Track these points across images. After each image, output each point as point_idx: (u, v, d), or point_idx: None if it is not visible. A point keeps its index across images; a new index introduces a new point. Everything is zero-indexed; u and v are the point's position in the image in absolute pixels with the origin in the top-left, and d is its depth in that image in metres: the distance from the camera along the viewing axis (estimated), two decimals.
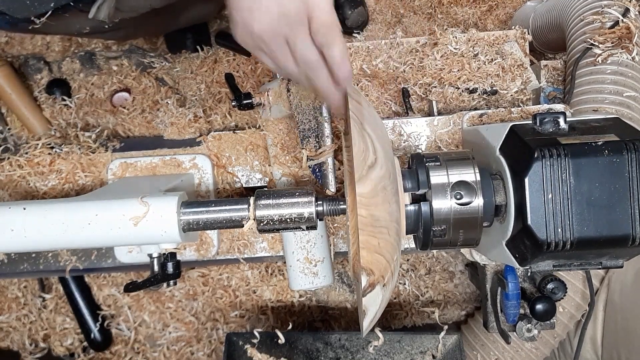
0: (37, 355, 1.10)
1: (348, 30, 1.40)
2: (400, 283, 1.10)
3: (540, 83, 0.98)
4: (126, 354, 1.09)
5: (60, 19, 0.76)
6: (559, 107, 0.78)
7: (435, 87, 0.88)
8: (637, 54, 0.84)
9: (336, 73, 0.57)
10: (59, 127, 1.04)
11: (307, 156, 0.72)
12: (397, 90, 0.90)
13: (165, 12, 0.89)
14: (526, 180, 0.54)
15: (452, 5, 1.41)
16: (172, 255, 0.69)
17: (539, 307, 0.71)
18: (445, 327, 0.90)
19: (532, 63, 0.93)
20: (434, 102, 0.85)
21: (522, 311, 0.74)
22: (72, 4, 0.73)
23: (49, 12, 0.72)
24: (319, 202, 0.63)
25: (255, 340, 0.89)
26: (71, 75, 1.08)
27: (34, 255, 0.87)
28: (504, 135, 0.60)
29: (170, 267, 0.68)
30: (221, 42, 0.98)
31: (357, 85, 0.90)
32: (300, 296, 1.07)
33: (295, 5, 0.55)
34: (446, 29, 0.91)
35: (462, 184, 0.57)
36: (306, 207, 0.62)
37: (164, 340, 1.08)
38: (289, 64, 0.59)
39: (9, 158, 0.87)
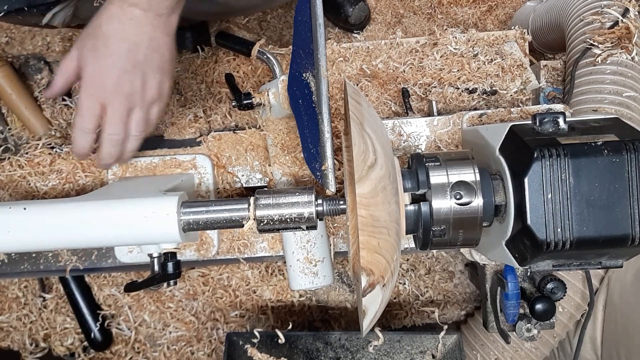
0: (37, 355, 1.10)
1: (350, 28, 1.40)
2: (400, 283, 1.10)
3: (539, 83, 0.98)
4: (126, 353, 1.09)
5: (12, 18, 0.77)
6: (559, 107, 0.79)
7: (435, 87, 0.89)
8: (636, 54, 0.84)
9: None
10: (59, 127, 1.04)
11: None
12: (397, 90, 0.90)
13: None
14: (526, 180, 0.54)
15: (452, 5, 1.41)
16: (172, 255, 0.69)
17: (538, 307, 0.71)
18: (445, 327, 0.90)
19: (531, 63, 0.94)
20: (433, 102, 0.85)
21: (521, 311, 0.75)
22: (26, 9, 0.74)
23: (1, 14, 0.73)
24: (319, 202, 0.63)
25: (255, 340, 0.90)
26: None
27: (34, 255, 0.87)
28: (504, 136, 0.60)
29: (170, 267, 0.68)
30: (221, 42, 0.97)
31: (357, 85, 0.91)
32: (300, 296, 1.07)
33: (155, 87, 0.70)
34: (446, 29, 0.91)
35: (461, 184, 0.57)
36: (306, 207, 0.62)
37: (164, 340, 1.08)
38: (121, 124, 0.69)
39: (9, 158, 0.87)
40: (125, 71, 0.66)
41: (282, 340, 0.90)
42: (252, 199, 0.63)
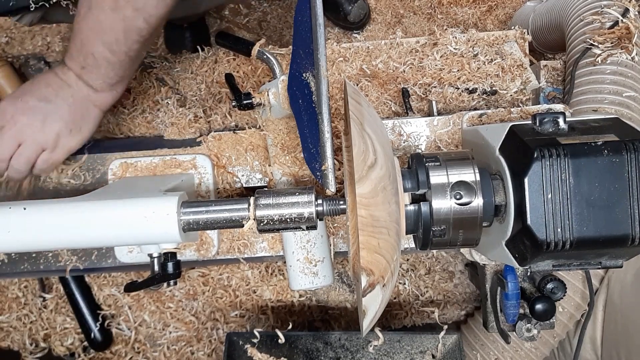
0: (37, 355, 1.10)
1: (350, 27, 1.40)
2: (400, 283, 1.10)
3: (539, 83, 0.98)
4: (126, 353, 1.09)
5: None
6: (559, 107, 0.79)
7: (435, 87, 0.89)
8: (636, 54, 0.84)
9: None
10: None
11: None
12: (397, 90, 0.90)
13: None
14: (526, 180, 0.54)
15: (452, 5, 1.41)
16: (172, 255, 0.69)
17: (538, 307, 0.71)
18: (445, 327, 0.90)
19: (531, 63, 0.94)
20: (433, 102, 0.85)
21: (521, 311, 0.75)
22: None
23: None
24: (319, 202, 0.63)
25: (255, 340, 0.90)
26: None
27: (34, 255, 0.87)
28: (504, 136, 0.60)
29: (170, 267, 0.68)
30: (221, 42, 0.97)
31: (357, 85, 0.91)
32: (300, 296, 1.07)
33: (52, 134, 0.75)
34: (446, 29, 0.91)
35: (461, 184, 0.57)
36: (306, 207, 0.62)
37: (164, 340, 1.08)
38: (4, 150, 0.74)
39: None
40: (29, 108, 0.74)
41: (282, 340, 0.90)
42: (252, 199, 0.63)
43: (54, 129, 0.75)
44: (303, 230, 0.64)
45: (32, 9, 0.77)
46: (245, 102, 0.78)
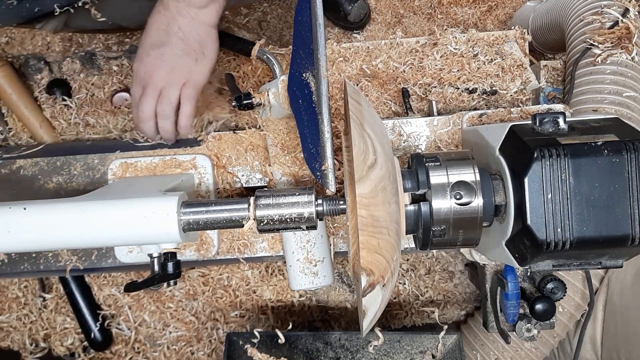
0: (37, 355, 1.10)
1: (350, 27, 1.40)
2: (400, 283, 1.10)
3: (539, 83, 0.98)
4: (126, 353, 1.09)
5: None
6: (559, 107, 0.79)
7: (435, 87, 0.89)
8: (636, 54, 0.84)
9: (179, 123, 0.79)
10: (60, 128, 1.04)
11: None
12: (397, 90, 0.90)
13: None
14: (526, 180, 0.54)
15: (452, 5, 1.41)
16: (172, 255, 0.69)
17: (538, 307, 0.71)
18: (445, 326, 0.90)
19: (531, 63, 0.94)
20: (433, 102, 0.85)
21: (521, 311, 0.75)
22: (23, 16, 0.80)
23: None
24: (319, 202, 0.63)
25: (255, 340, 0.90)
26: (71, 76, 1.08)
27: (34, 255, 0.87)
28: (504, 136, 0.60)
29: (170, 267, 0.68)
30: (221, 42, 0.98)
31: (357, 85, 0.91)
32: (300, 296, 1.07)
33: (181, 71, 0.76)
34: (446, 29, 0.91)
35: (461, 184, 0.57)
36: (306, 207, 0.62)
37: (164, 340, 1.08)
38: (149, 105, 0.77)
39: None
40: (155, 58, 0.75)
41: (282, 340, 0.90)
42: (252, 199, 0.63)
43: (182, 65, 0.76)
44: (303, 230, 0.64)
45: (56, 14, 0.78)
46: (245, 102, 0.78)
